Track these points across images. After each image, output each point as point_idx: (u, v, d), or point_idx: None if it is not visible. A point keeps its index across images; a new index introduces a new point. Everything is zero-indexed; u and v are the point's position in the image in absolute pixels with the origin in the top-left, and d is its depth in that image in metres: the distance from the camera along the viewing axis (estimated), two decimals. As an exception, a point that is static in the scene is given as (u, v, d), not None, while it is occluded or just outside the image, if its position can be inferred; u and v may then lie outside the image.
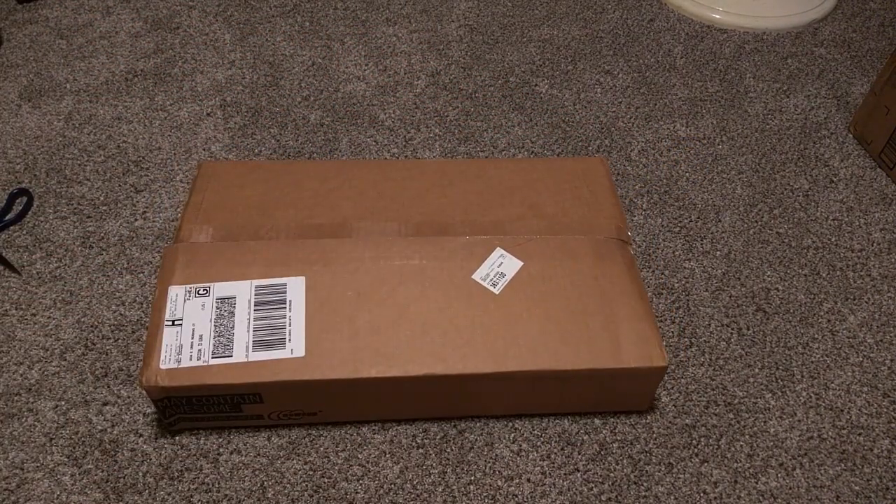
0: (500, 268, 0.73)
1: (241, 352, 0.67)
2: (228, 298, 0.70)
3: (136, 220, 0.94)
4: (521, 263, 0.73)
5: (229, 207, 0.78)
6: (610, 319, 0.71)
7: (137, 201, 0.97)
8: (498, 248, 0.73)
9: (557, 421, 0.77)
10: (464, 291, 0.71)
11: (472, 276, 0.72)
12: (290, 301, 0.70)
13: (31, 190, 0.97)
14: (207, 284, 0.71)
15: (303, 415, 0.72)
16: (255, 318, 0.69)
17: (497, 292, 0.71)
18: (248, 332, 0.68)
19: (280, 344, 0.67)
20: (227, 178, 0.82)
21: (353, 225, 0.76)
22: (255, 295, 0.71)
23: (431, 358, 0.68)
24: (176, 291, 0.71)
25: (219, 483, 0.70)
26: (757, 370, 0.82)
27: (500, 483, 0.72)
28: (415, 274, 0.72)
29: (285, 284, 0.71)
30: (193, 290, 0.71)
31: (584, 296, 0.72)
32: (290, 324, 0.68)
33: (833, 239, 0.96)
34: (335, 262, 0.73)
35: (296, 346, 0.67)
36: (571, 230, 0.76)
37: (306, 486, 0.71)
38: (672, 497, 0.71)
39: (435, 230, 0.76)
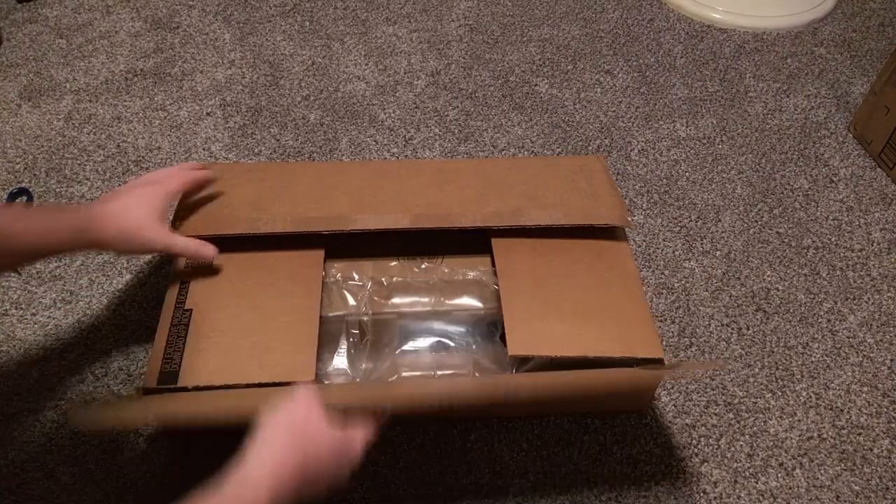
0: None
1: None
2: None
3: (135, 219, 0.94)
4: None
5: (224, 204, 0.78)
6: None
7: (137, 201, 0.97)
8: None
9: (557, 421, 0.77)
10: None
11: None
12: None
13: (30, 189, 0.97)
14: None
15: None
16: None
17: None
18: None
19: None
20: (221, 178, 0.81)
21: (349, 217, 0.75)
22: None
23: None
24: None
25: (219, 483, 0.70)
26: (757, 370, 0.82)
27: (499, 483, 0.72)
28: None
29: None
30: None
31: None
32: None
33: (833, 239, 0.96)
34: None
35: None
36: (572, 219, 0.76)
37: (306, 486, 0.71)
38: (672, 497, 0.72)
39: (433, 221, 0.75)
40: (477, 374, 0.72)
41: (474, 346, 0.74)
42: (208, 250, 0.69)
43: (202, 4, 1.30)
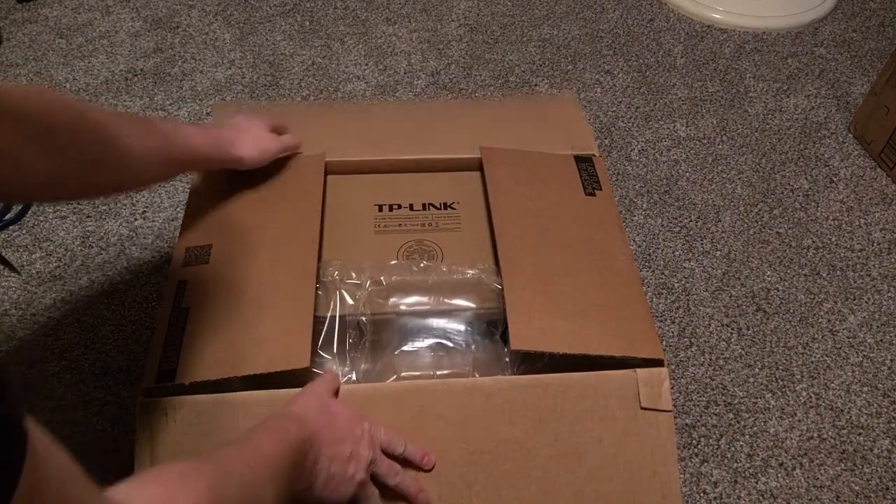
0: None
1: None
2: None
3: (135, 219, 0.94)
4: None
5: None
6: None
7: (137, 201, 0.97)
8: None
9: (557, 421, 0.77)
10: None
11: None
12: None
13: (30, 189, 0.97)
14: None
15: None
16: None
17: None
18: None
19: None
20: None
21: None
22: None
23: None
24: None
25: (219, 483, 0.70)
26: (757, 370, 0.82)
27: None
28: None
29: None
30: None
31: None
32: None
33: (833, 239, 0.96)
34: None
35: None
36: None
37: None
38: (672, 497, 0.72)
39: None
40: (476, 375, 0.72)
41: (473, 346, 0.74)
42: (297, 140, 0.81)
43: (202, 4, 1.30)
